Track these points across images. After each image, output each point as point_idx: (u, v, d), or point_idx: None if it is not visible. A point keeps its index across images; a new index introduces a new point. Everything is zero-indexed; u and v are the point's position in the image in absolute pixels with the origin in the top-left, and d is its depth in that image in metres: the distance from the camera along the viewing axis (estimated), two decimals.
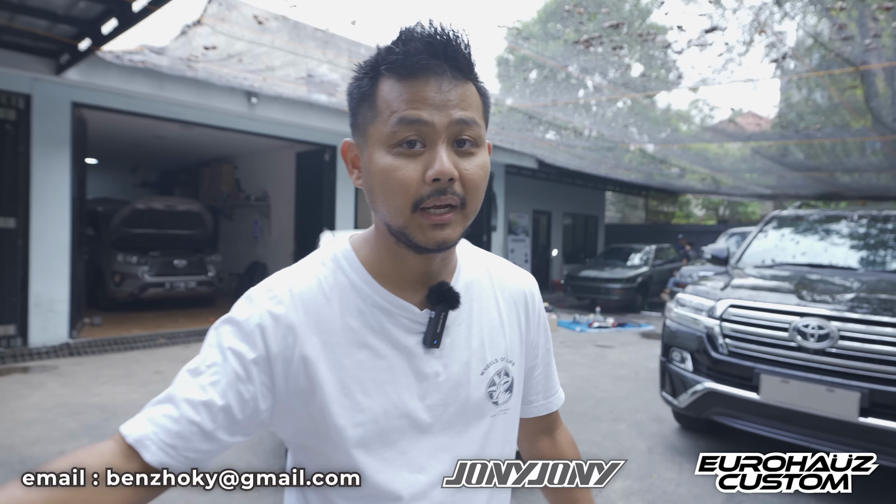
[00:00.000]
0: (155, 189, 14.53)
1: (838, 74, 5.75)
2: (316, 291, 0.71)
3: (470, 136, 0.66)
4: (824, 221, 4.81)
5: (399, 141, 0.64)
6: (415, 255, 0.70)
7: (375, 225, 0.73)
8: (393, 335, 0.71)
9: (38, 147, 6.17)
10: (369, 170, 0.67)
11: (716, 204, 24.77)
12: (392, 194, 0.65)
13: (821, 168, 9.94)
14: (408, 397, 0.71)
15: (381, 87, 0.66)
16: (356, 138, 0.71)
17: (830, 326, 3.12)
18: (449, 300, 0.73)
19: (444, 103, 0.64)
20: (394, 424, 0.70)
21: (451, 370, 0.73)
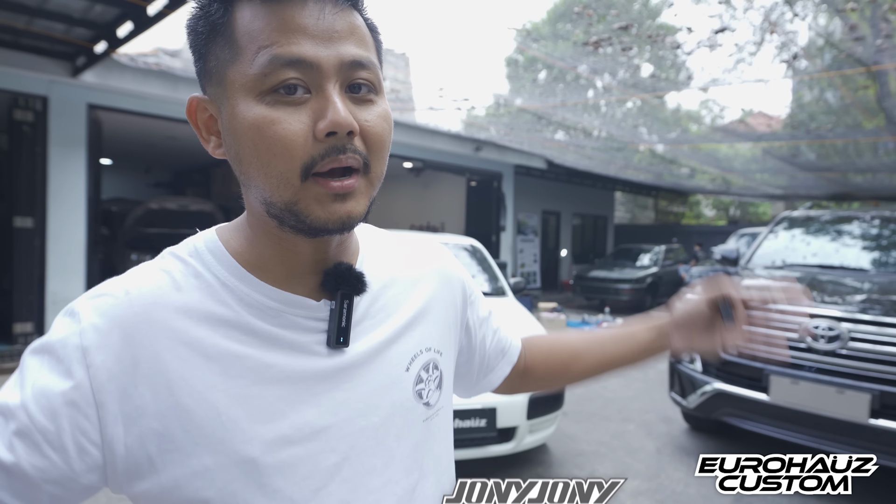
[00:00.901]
0: (168, 189, 14.70)
1: (850, 74, 5.72)
2: (167, 293, 0.51)
3: (367, 80, 0.51)
4: (835, 222, 4.79)
5: (273, 86, 0.48)
6: (305, 239, 0.53)
7: (249, 208, 0.56)
8: (282, 339, 0.53)
9: (54, 148, 6.28)
10: (234, 129, 0.50)
11: (726, 204, 24.61)
12: (270, 157, 0.48)
13: (832, 168, 9.87)
14: (315, 415, 0.53)
15: (238, 14, 0.50)
16: (210, 90, 0.53)
17: (841, 328, 3.12)
18: (350, 282, 0.56)
19: (330, 34, 0.49)
20: (301, 454, 0.52)
21: (366, 371, 0.57)
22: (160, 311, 0.50)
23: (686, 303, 0.79)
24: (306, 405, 0.53)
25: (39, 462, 0.46)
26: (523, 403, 3.21)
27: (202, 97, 0.55)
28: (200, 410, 0.49)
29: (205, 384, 0.50)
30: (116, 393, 0.48)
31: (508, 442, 3.24)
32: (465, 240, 5.07)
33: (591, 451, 3.87)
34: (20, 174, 6.15)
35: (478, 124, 9.55)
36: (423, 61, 8.23)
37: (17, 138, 6.13)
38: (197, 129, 0.56)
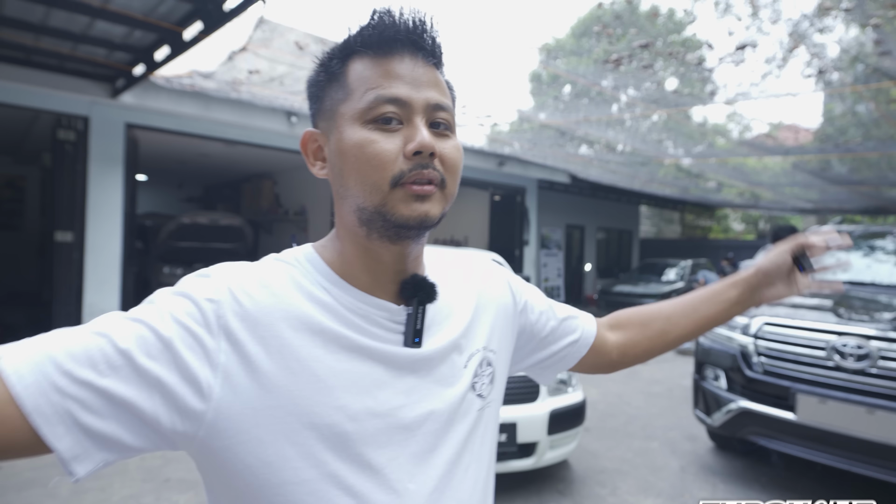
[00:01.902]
0: (199, 204, 15.12)
1: (881, 88, 5.62)
2: (287, 287, 0.63)
3: (445, 119, 0.65)
4: (867, 237, 4.69)
5: (375, 116, 0.61)
6: (389, 246, 0.64)
7: (341, 221, 0.67)
8: (371, 336, 0.64)
9: (94, 165, 6.56)
10: (340, 149, 0.63)
11: (755, 218, 24.10)
12: (369, 169, 0.60)
13: (865, 182, 9.62)
14: (394, 401, 0.63)
15: (352, 66, 0.64)
16: (321, 124, 0.67)
17: (870, 346, 3.06)
18: (425, 291, 0.67)
19: (419, 83, 0.63)
20: (381, 429, 0.62)
21: (433, 366, 0.67)
22: (278, 291, 0.62)
23: (769, 256, 0.93)
24: (388, 388, 0.63)
25: (159, 370, 0.54)
26: (544, 418, 3.22)
27: (314, 131, 0.69)
28: (303, 375, 0.59)
29: (309, 354, 0.60)
30: (235, 341, 0.57)
31: (529, 457, 3.25)
32: (487, 254, 5.11)
33: (613, 469, 3.83)
34: (62, 190, 6.44)
35: (501, 139, 9.62)
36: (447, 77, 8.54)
37: (60, 156, 6.43)
38: (306, 156, 0.70)
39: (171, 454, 3.81)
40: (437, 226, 0.65)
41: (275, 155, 9.31)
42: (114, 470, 3.50)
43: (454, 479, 0.67)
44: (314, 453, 0.58)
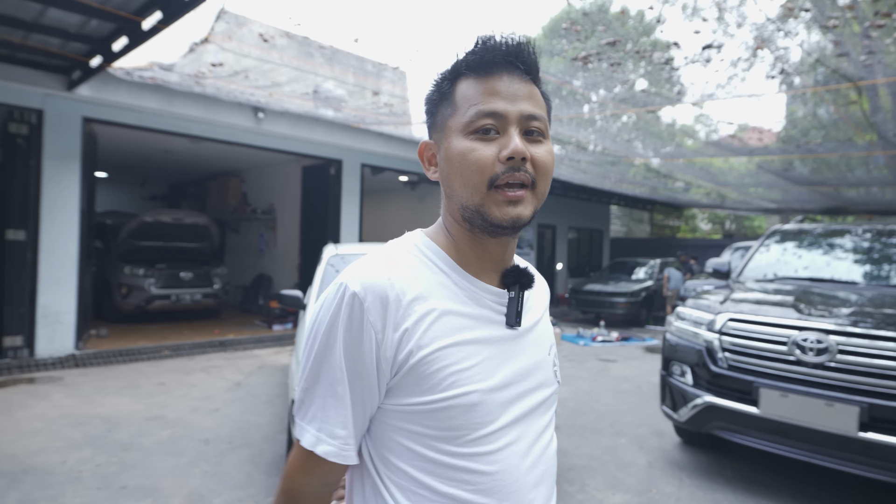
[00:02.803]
0: (163, 202, 14.71)
1: (840, 90, 5.78)
2: (418, 272, 0.75)
3: (538, 128, 0.75)
4: (827, 235, 4.80)
5: (476, 128, 0.73)
6: (491, 238, 0.77)
7: (448, 215, 0.80)
8: (483, 315, 0.76)
9: (48, 161, 6.29)
10: (448, 156, 0.75)
11: (722, 218, 24.70)
12: (470, 172, 0.72)
13: (825, 182, 9.93)
14: (501, 373, 0.75)
15: (459, 86, 0.76)
16: (434, 136, 0.80)
17: (829, 340, 3.12)
18: (526, 280, 0.80)
19: (515, 97, 0.74)
20: (494, 399, 0.73)
21: (529, 347, 0.80)
22: (418, 284, 0.74)
23: None
24: (502, 365, 0.75)
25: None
26: None
27: (430, 141, 0.82)
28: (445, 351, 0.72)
29: (446, 336, 0.73)
30: (392, 324, 0.70)
31: None
32: None
33: (582, 466, 3.84)
34: (13, 187, 6.16)
35: None
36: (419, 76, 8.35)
37: (12, 151, 6.14)
38: (422, 161, 0.83)
39: (127, 459, 3.66)
40: (529, 224, 0.76)
41: (242, 152, 9.10)
42: (66, 478, 3.34)
43: (541, 443, 0.80)
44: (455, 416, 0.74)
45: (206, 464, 3.64)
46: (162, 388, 5.53)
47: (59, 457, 3.66)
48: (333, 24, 18.83)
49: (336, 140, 8.50)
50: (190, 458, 3.73)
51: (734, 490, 3.49)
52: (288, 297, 4.15)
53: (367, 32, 35.84)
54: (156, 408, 4.84)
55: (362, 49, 13.80)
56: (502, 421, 0.74)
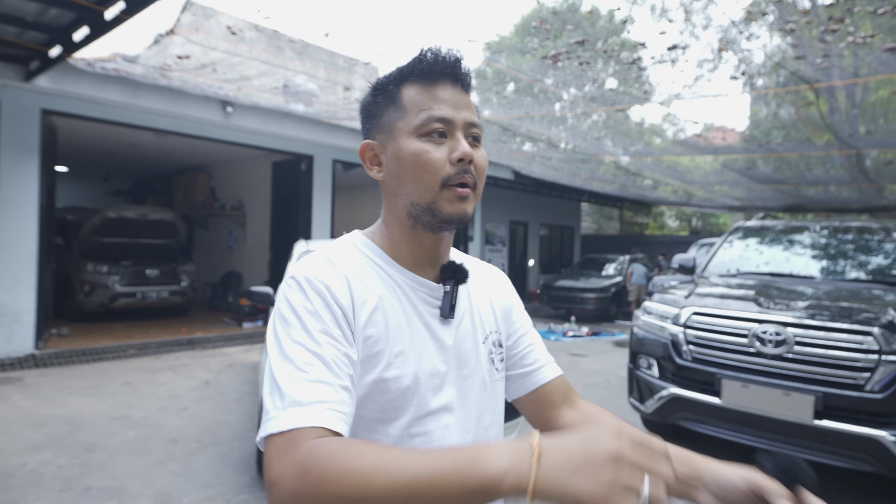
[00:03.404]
0: (128, 198, 14.30)
1: (800, 92, 5.99)
2: (359, 267, 0.79)
3: (476, 134, 0.82)
4: (787, 232, 4.98)
5: (427, 131, 0.78)
6: (431, 235, 0.82)
7: (390, 213, 0.84)
8: (417, 308, 0.81)
9: (5, 154, 6.05)
10: (398, 156, 0.79)
11: (689, 215, 25.31)
12: (424, 172, 0.77)
13: (786, 181, 10.28)
14: (435, 360, 0.79)
15: (406, 91, 0.81)
16: (379, 137, 0.83)
17: (787, 333, 3.24)
18: (461, 274, 0.85)
19: (459, 105, 0.80)
20: (426, 384, 0.77)
21: (462, 338, 0.84)
22: (359, 278, 0.77)
23: (730, 481, 0.74)
24: (434, 353, 0.80)
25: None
26: None
27: (372, 142, 0.84)
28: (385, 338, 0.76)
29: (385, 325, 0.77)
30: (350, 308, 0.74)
31: None
32: None
33: None
34: None
35: None
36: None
37: None
38: (364, 162, 0.85)
39: (91, 460, 3.57)
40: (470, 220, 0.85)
41: (210, 146, 8.92)
42: (27, 480, 3.24)
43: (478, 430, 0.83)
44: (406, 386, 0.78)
45: (174, 463, 3.57)
46: (128, 387, 5.40)
47: (18, 459, 3.54)
48: (303, 17, 18.57)
49: (307, 135, 8.41)
50: (157, 457, 3.66)
51: None
52: (258, 293, 4.10)
53: (338, 27, 35.40)
54: (121, 408, 4.72)
55: (333, 44, 13.66)
56: (434, 405, 0.78)
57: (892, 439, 2.86)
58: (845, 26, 3.56)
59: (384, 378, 0.74)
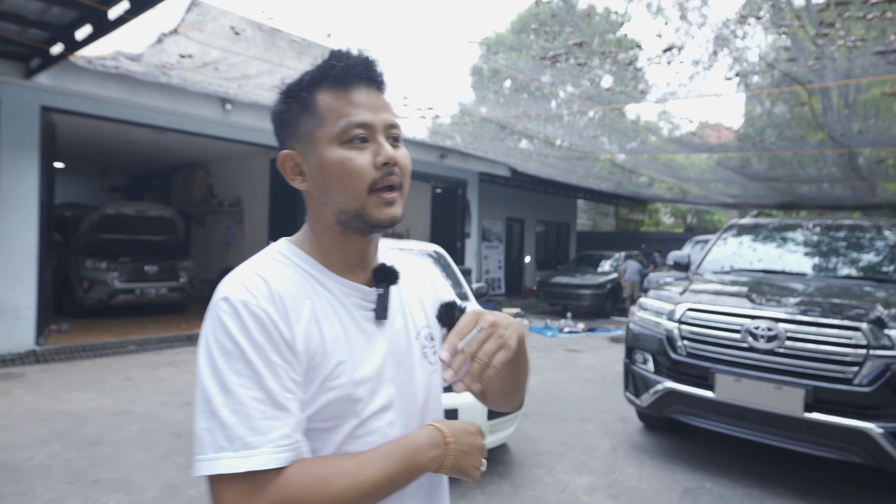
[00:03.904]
0: (125, 194, 14.28)
1: (794, 91, 6.08)
2: (290, 280, 0.77)
3: (397, 135, 0.82)
4: (780, 230, 5.06)
5: (349, 138, 0.77)
6: (360, 238, 0.82)
7: (317, 221, 0.82)
8: (352, 313, 0.81)
9: (5, 151, 6.07)
10: (322, 166, 0.78)
11: (684, 212, 25.45)
12: (350, 180, 0.76)
13: (779, 179, 10.38)
14: (373, 364, 0.80)
15: (320, 98, 0.79)
16: (298, 146, 0.81)
17: (779, 328, 3.33)
18: (392, 277, 0.86)
19: (378, 108, 0.80)
20: (366, 388, 0.78)
21: (395, 336, 0.85)
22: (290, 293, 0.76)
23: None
24: (371, 356, 0.81)
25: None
26: None
27: (291, 152, 0.82)
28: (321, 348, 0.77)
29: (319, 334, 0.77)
30: (288, 330, 0.73)
31: None
32: (428, 246, 5.15)
33: (549, 451, 3.99)
34: None
35: (443, 132, 9.68)
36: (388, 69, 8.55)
37: None
38: (284, 173, 0.83)
39: (97, 454, 3.63)
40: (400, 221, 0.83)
41: (208, 143, 8.94)
42: (35, 473, 3.29)
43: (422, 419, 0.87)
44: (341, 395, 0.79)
45: (180, 456, 3.64)
46: (129, 382, 5.45)
47: (25, 453, 3.60)
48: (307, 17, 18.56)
49: None
50: (162, 451, 3.72)
51: (692, 470, 3.69)
52: None
53: (339, 27, 35.32)
54: (124, 402, 4.78)
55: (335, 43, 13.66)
56: (374, 407, 0.79)
57: (880, 431, 2.95)
58: (836, 31, 3.64)
59: (327, 388, 0.74)
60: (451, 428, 0.80)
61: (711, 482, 3.50)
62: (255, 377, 0.68)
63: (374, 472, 0.70)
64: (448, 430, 0.79)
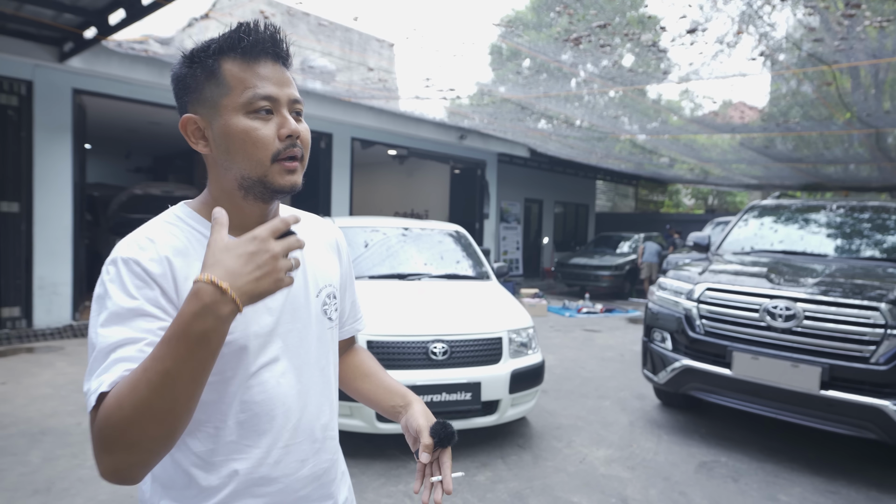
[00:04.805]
0: (149, 175, 14.58)
1: (816, 71, 5.98)
2: (181, 240, 0.84)
3: (299, 110, 0.87)
4: (802, 211, 5.06)
5: (254, 109, 0.81)
6: (259, 204, 0.86)
7: (217, 185, 0.87)
8: None
9: (39, 133, 6.28)
10: (227, 132, 0.82)
11: (705, 193, 25.12)
12: (255, 149, 0.81)
13: (804, 159, 10.23)
14: (264, 320, 0.86)
15: (226, 67, 0.82)
16: (201, 111, 0.84)
17: (797, 307, 3.38)
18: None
19: (283, 82, 0.84)
20: (255, 342, 0.85)
21: (294, 295, 0.91)
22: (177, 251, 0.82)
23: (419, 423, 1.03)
24: (263, 311, 0.86)
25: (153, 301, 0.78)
26: (506, 378, 3.44)
27: (194, 116, 0.85)
28: None
29: None
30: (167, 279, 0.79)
31: (492, 414, 3.46)
32: (449, 226, 5.25)
33: (568, 425, 4.11)
34: (5, 159, 6.16)
35: (462, 112, 9.69)
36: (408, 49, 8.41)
37: (3, 123, 6.13)
38: (186, 136, 0.86)
39: None
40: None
41: None
42: (83, 437, 3.52)
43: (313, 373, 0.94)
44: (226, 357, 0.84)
45: None
46: None
47: (73, 419, 3.83)
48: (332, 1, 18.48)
49: (326, 113, 8.54)
50: None
51: (707, 445, 3.79)
52: None
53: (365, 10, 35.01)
54: None
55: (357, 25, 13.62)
56: (264, 359, 0.85)
57: (895, 408, 3.01)
58: (862, 11, 3.60)
59: None
60: (224, 268, 0.67)
61: (727, 456, 3.60)
62: (117, 328, 0.73)
63: (157, 363, 0.66)
64: (221, 272, 0.67)
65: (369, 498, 2.91)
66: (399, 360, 3.31)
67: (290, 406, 0.89)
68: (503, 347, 3.53)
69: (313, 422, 0.94)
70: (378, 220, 5.14)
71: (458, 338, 3.44)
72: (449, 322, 3.55)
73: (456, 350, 3.40)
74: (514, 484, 3.14)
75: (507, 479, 3.19)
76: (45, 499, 2.80)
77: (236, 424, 0.85)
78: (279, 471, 0.88)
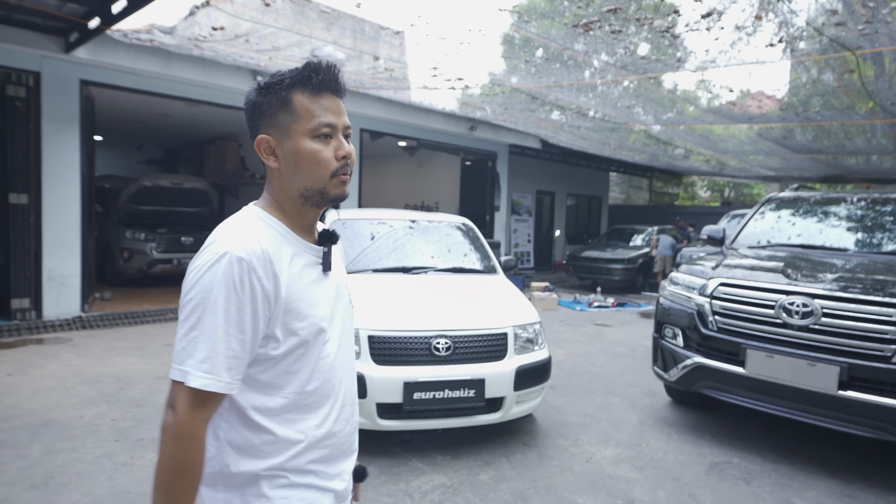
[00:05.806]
0: (160, 166, 14.64)
1: (842, 58, 5.76)
2: (272, 239, 1.02)
3: (349, 134, 1.07)
4: (821, 203, 4.88)
5: (319, 134, 1.02)
6: (314, 209, 1.07)
7: (282, 193, 1.06)
8: (310, 264, 1.07)
9: (47, 124, 6.28)
10: (296, 152, 1.02)
11: (721, 185, 24.70)
12: (318, 167, 1.02)
13: (824, 151, 9.95)
14: (328, 303, 1.09)
15: (297, 98, 1.02)
16: (273, 133, 1.04)
17: (814, 304, 3.24)
18: (334, 239, 1.13)
19: (339, 112, 1.05)
20: (323, 326, 1.06)
21: (338, 286, 1.14)
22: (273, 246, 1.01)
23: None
24: (327, 298, 1.09)
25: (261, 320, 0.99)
26: (510, 375, 3.35)
27: (268, 136, 1.04)
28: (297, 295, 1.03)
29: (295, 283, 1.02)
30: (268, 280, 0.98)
31: (496, 412, 3.38)
32: (456, 218, 5.16)
33: (576, 422, 4.02)
34: (14, 150, 6.17)
35: (472, 103, 9.55)
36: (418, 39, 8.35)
37: (11, 114, 6.13)
38: (260, 153, 1.06)
39: (141, 414, 3.83)
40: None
41: (240, 115, 8.96)
42: (85, 431, 3.50)
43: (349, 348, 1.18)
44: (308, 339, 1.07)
45: None
46: (169, 349, 5.69)
47: (76, 412, 3.82)
48: None
49: None
50: None
51: (719, 445, 3.68)
52: None
53: None
54: (165, 367, 5.00)
55: (364, 12, 13.51)
56: (328, 335, 1.08)
57: None
58: None
59: (302, 318, 1.01)
60: None
61: (739, 457, 3.49)
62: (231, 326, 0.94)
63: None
64: None
65: (369, 496, 2.85)
66: (401, 356, 3.24)
67: (342, 375, 1.13)
68: (508, 343, 3.44)
69: (351, 388, 1.17)
70: (385, 212, 5.06)
71: (462, 333, 3.36)
72: (453, 317, 3.47)
73: (459, 346, 3.32)
74: (517, 484, 3.06)
75: (511, 479, 3.11)
76: (43, 493, 2.77)
77: (313, 390, 1.05)
78: (337, 427, 1.10)
